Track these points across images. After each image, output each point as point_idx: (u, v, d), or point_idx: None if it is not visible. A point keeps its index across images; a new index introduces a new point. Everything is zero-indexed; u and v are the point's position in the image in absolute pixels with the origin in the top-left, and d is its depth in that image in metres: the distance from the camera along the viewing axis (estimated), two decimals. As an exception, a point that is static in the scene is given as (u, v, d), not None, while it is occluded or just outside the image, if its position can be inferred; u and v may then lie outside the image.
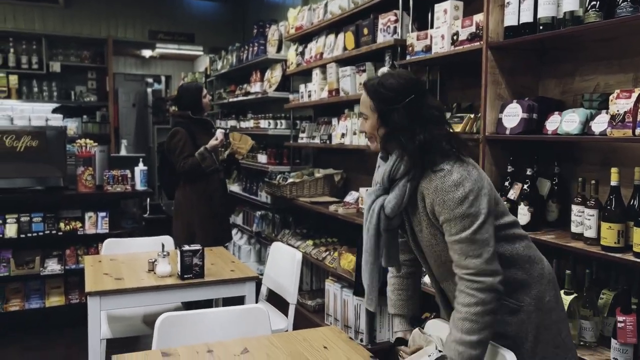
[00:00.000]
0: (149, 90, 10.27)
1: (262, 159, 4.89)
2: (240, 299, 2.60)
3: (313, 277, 4.21)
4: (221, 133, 3.63)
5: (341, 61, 3.73)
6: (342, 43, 3.71)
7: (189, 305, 2.94)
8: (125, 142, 5.27)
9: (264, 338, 1.88)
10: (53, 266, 3.91)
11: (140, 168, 4.18)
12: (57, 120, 4.23)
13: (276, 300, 2.97)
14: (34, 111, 5.64)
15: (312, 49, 4.18)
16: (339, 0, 3.73)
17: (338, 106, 3.96)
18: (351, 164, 4.15)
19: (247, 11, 7.37)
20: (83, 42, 7.36)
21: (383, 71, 3.12)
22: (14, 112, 4.31)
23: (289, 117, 4.80)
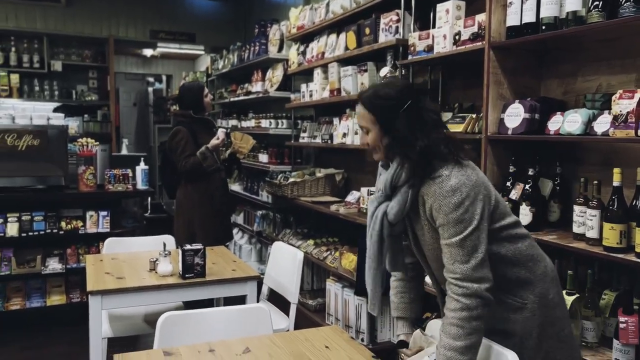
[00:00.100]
0: (150, 90, 10.28)
1: (263, 158, 4.88)
2: (242, 299, 2.60)
3: (314, 277, 4.21)
4: (222, 132, 3.64)
5: (343, 61, 3.73)
6: (344, 43, 3.70)
7: (190, 305, 2.93)
8: (126, 142, 5.27)
9: (265, 337, 1.87)
10: (54, 265, 3.91)
11: (142, 167, 4.18)
12: (59, 119, 4.22)
13: (277, 300, 2.97)
14: (36, 110, 5.63)
15: (314, 48, 4.18)
16: (340, -1, 3.73)
17: (339, 106, 3.96)
18: (352, 164, 4.15)
19: (249, 10, 7.37)
20: (84, 41, 7.36)
21: (384, 72, 3.14)
22: (16, 111, 4.31)
23: (290, 117, 4.80)
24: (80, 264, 3.94)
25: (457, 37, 2.63)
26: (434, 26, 2.94)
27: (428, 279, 2.41)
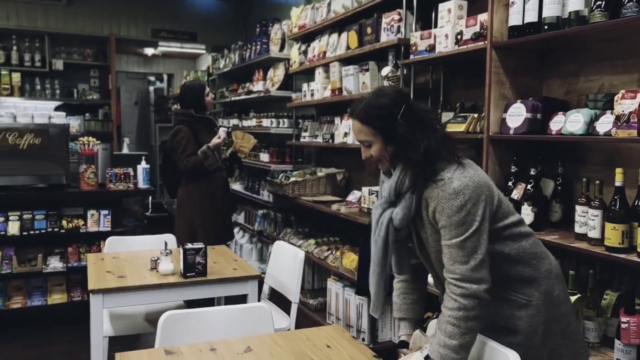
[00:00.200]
0: (151, 89, 10.28)
1: (265, 157, 4.88)
2: (242, 298, 2.60)
3: (315, 276, 4.21)
4: (224, 131, 3.64)
5: (344, 60, 3.73)
6: (345, 42, 3.70)
7: (191, 304, 2.94)
8: (127, 140, 5.28)
9: (267, 337, 1.87)
10: (55, 264, 3.92)
11: (143, 166, 4.18)
12: (60, 118, 4.23)
13: (278, 299, 2.97)
14: (37, 109, 5.65)
15: (315, 47, 4.18)
16: (342, -1, 3.72)
17: (341, 105, 3.95)
18: (353, 163, 4.15)
19: (250, 10, 7.37)
20: (86, 40, 7.36)
21: (385, 71, 3.13)
22: (17, 110, 4.32)
23: (292, 116, 4.80)
24: (81, 263, 3.95)
25: (459, 37, 2.63)
26: (435, 26, 2.94)
27: (430, 279, 2.42)
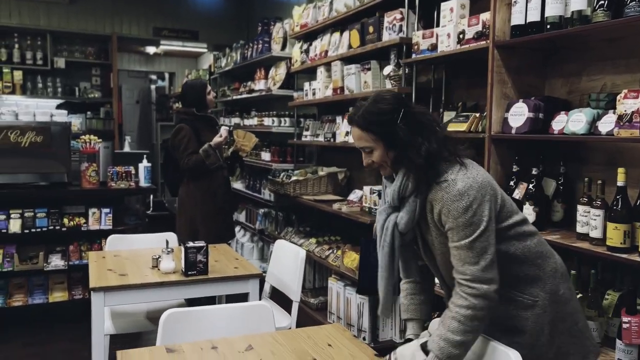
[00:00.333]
0: (153, 87, 10.29)
1: (266, 156, 4.88)
2: (244, 296, 2.60)
3: (316, 275, 4.21)
4: (225, 130, 3.64)
5: (346, 59, 3.72)
6: (347, 41, 3.70)
7: (192, 302, 2.94)
8: (129, 139, 5.29)
9: (268, 335, 1.87)
10: (56, 262, 3.92)
11: (144, 164, 4.19)
12: (62, 116, 4.23)
13: (279, 298, 2.97)
14: (39, 107, 5.62)
15: (317, 46, 4.18)
16: (344, -2, 3.72)
17: (342, 104, 3.95)
18: (355, 163, 4.14)
19: (252, 8, 7.37)
20: (87, 39, 7.38)
21: (387, 70, 3.13)
22: (19, 108, 4.31)
23: (293, 115, 4.79)
24: (82, 261, 3.95)
25: (461, 36, 2.62)
26: (438, 25, 2.93)
27: (436, 280, 2.41)
